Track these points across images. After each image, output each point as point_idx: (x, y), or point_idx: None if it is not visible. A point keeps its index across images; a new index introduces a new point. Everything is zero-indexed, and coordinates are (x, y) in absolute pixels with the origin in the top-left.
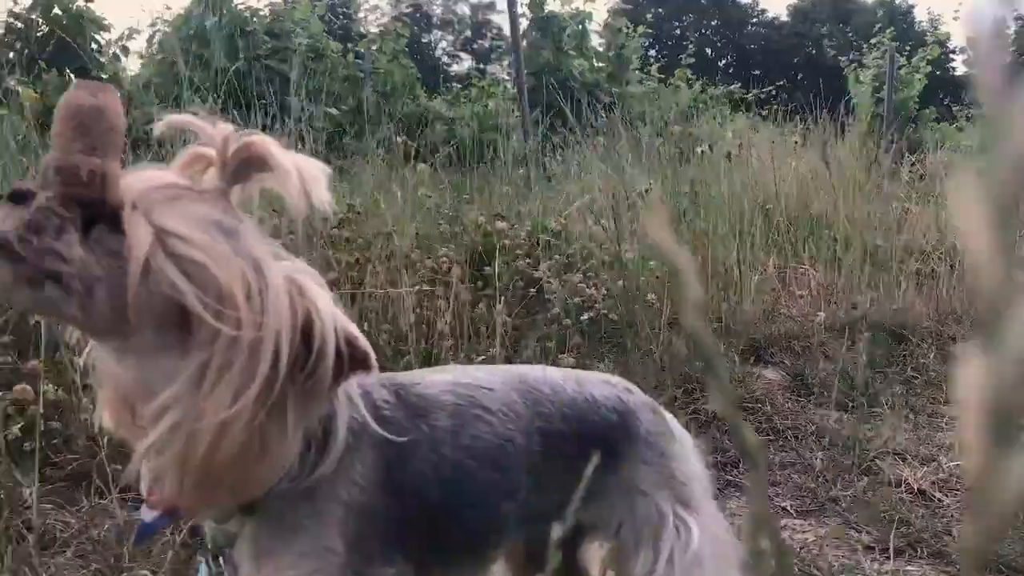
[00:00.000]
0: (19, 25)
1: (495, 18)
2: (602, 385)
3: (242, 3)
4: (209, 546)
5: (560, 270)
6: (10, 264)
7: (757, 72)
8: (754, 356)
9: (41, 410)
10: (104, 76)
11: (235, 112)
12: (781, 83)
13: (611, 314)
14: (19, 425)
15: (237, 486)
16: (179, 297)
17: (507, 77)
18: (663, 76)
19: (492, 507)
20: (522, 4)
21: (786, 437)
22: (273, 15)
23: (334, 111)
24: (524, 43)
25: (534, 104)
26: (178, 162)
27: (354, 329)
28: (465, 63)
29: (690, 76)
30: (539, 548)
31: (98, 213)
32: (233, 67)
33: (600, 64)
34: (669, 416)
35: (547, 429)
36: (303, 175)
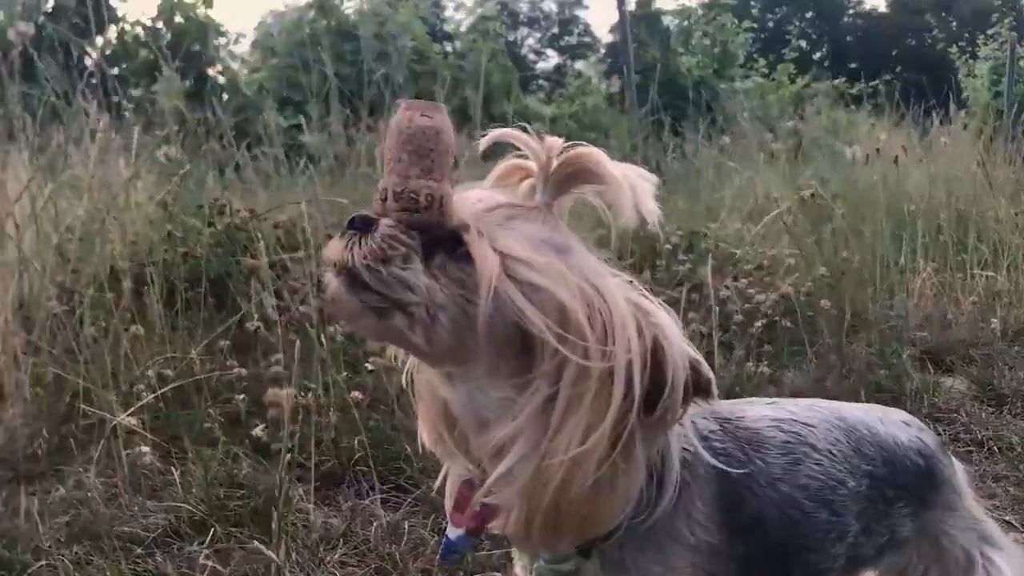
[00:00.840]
0: (145, 34)
1: (582, 14)
2: (903, 426)
3: (350, 7)
4: None
5: (724, 273)
6: (359, 294)
7: (854, 65)
8: (932, 364)
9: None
10: (223, 82)
11: (347, 115)
12: (888, 77)
13: (783, 320)
14: (262, 427)
15: (584, 524)
16: (526, 325)
17: (594, 74)
18: (767, 71)
19: (826, 553)
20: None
21: (990, 449)
22: (378, 18)
23: None
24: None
25: (640, 102)
26: (494, 175)
27: (695, 352)
28: (551, 60)
29: (792, 71)
30: None
31: (435, 238)
32: (340, 72)
33: (706, 60)
34: (948, 451)
35: (872, 472)
36: (634, 186)
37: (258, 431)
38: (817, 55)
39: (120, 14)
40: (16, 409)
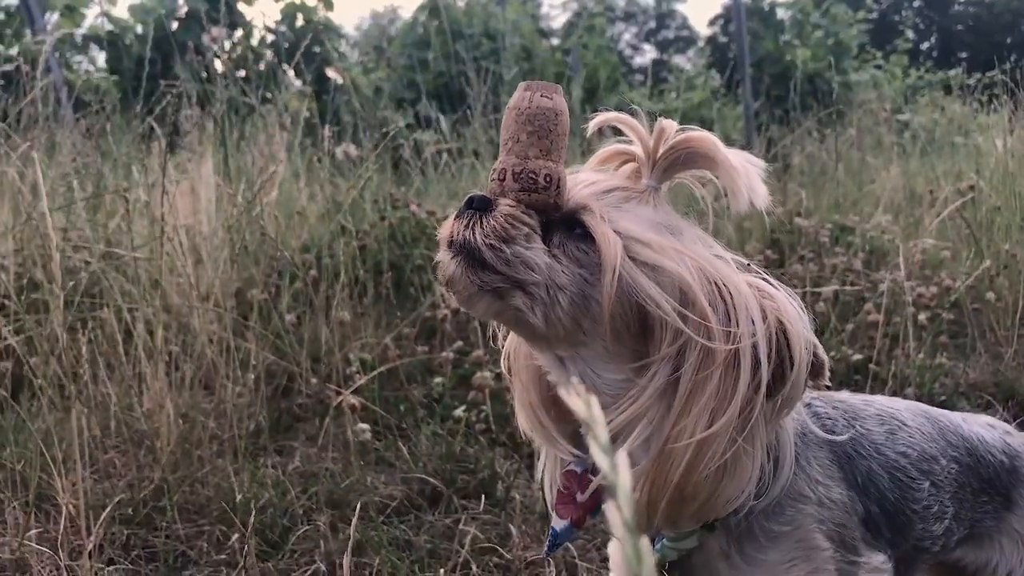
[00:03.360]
0: (271, 37)
1: (680, 8)
2: (987, 427)
3: (462, 4)
4: (655, 561)
5: (874, 266)
6: (478, 274)
7: (964, 55)
8: None
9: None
10: (341, 83)
11: (450, 114)
12: (1008, 66)
13: (945, 313)
14: (462, 408)
15: (707, 505)
16: (649, 306)
17: (691, 67)
18: (879, 63)
19: (930, 530)
20: None
21: None
22: (487, 15)
23: None
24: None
25: (753, 95)
26: (596, 159)
27: (811, 334)
28: (648, 55)
29: (905, 63)
30: None
31: (551, 219)
32: (450, 70)
33: (819, 52)
34: None
35: (958, 458)
36: (747, 170)
37: (459, 412)
38: (925, 45)
39: (248, 18)
40: (236, 389)
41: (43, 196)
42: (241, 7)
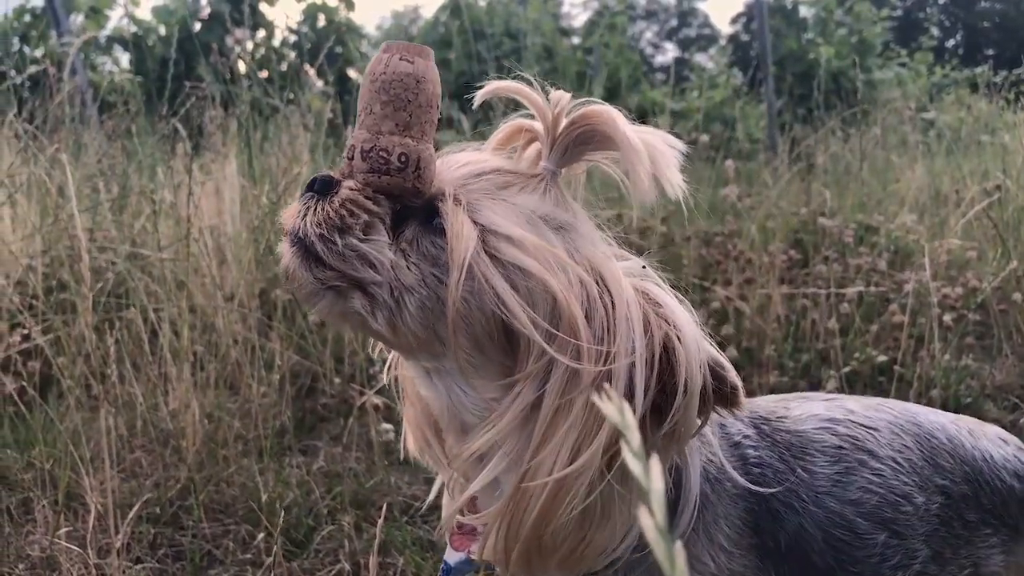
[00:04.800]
0: (293, 38)
1: (701, 6)
2: (998, 443)
3: (483, 3)
4: None
5: (899, 266)
6: (311, 269)
7: (990, 52)
8: None
9: None
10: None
11: (471, 113)
12: None
13: (972, 314)
14: None
15: (571, 558)
16: (505, 314)
17: (714, 66)
18: (903, 61)
19: (887, 573)
20: None
21: None
22: (507, 15)
23: None
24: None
25: (776, 94)
26: (495, 139)
27: (718, 353)
28: (669, 53)
29: (931, 60)
30: None
31: (409, 207)
32: (471, 69)
33: (843, 50)
34: None
35: (947, 488)
36: (654, 154)
37: None
38: (951, 42)
39: (269, 19)
40: (260, 389)
41: (72, 198)
42: (263, 8)
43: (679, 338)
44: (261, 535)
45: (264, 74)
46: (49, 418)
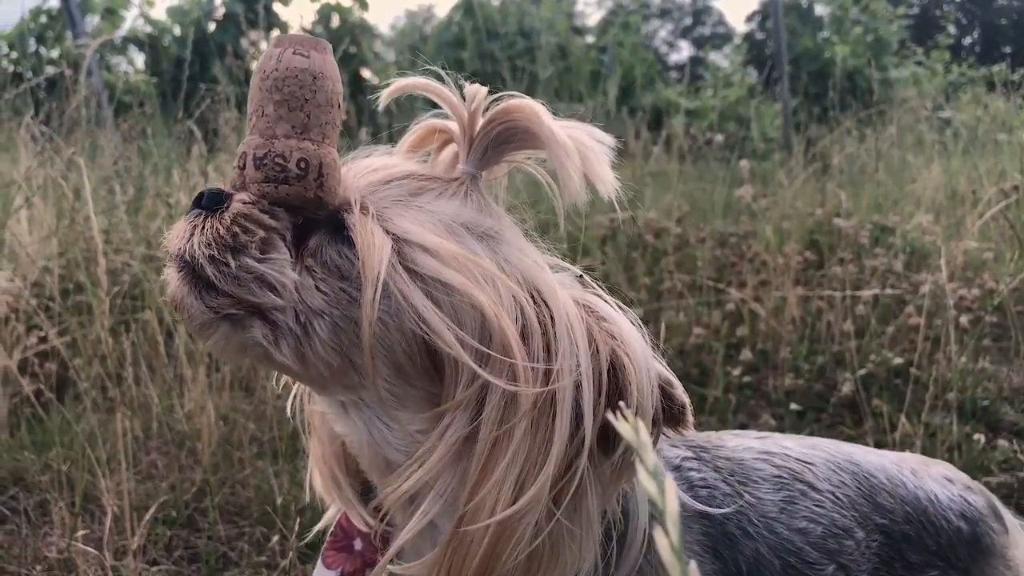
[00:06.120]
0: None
1: (716, 4)
2: (943, 483)
3: (497, 3)
4: None
5: (915, 268)
6: (202, 296)
7: (1008, 49)
8: None
9: None
10: (377, 83)
11: None
12: None
13: (988, 316)
14: None
15: None
16: (427, 335)
17: (728, 64)
18: (919, 59)
19: None
20: None
21: None
22: (521, 14)
23: (581, 107)
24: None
25: (791, 92)
26: (406, 141)
27: (666, 371)
28: (684, 52)
29: (947, 59)
30: None
31: (312, 220)
32: (485, 69)
33: (859, 48)
34: (1001, 509)
35: (887, 528)
36: (583, 150)
37: None
38: (968, 40)
39: (283, 19)
40: (275, 391)
41: (88, 200)
42: (277, 8)
43: (627, 354)
44: (276, 537)
45: None
46: (66, 420)
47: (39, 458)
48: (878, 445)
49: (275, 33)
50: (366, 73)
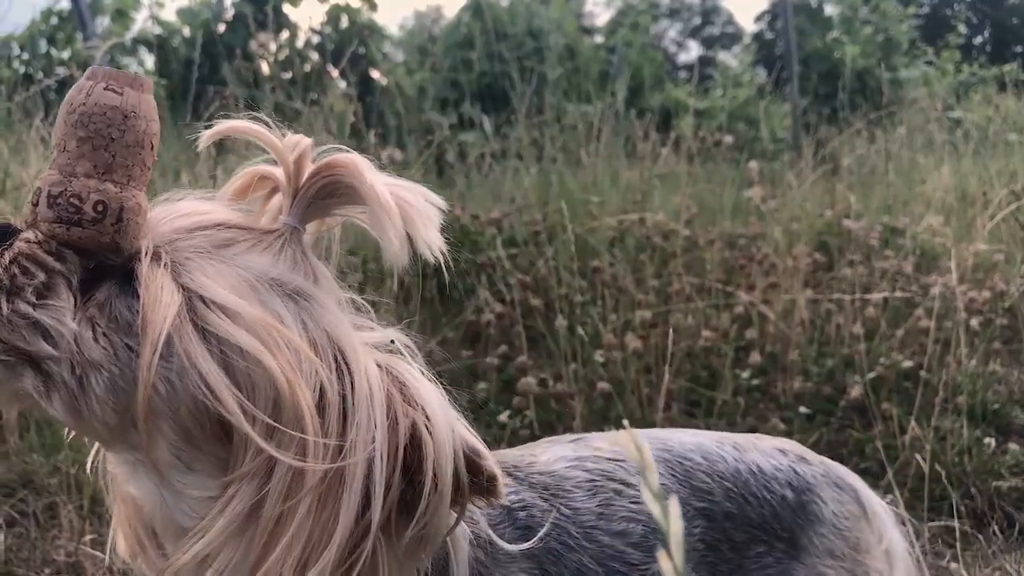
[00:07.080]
0: (316, 39)
1: (725, 3)
2: (774, 454)
3: (505, 3)
4: None
5: (925, 270)
6: None
7: (1019, 49)
8: None
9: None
10: (385, 84)
11: (493, 114)
12: None
13: (999, 319)
14: (507, 413)
15: None
16: (211, 402)
17: (737, 64)
18: (929, 59)
19: None
20: None
21: None
22: (529, 15)
23: (589, 108)
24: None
25: (800, 93)
26: (230, 187)
27: (474, 439)
28: (693, 51)
29: (958, 58)
30: None
31: (107, 266)
32: (493, 70)
33: (868, 48)
34: (861, 487)
35: (710, 510)
36: (406, 212)
37: (504, 417)
38: (978, 39)
39: (292, 20)
40: None
41: None
42: (286, 8)
43: (427, 426)
44: None
45: (288, 75)
46: None
47: (48, 461)
48: (887, 448)
49: (284, 34)
50: (375, 74)
